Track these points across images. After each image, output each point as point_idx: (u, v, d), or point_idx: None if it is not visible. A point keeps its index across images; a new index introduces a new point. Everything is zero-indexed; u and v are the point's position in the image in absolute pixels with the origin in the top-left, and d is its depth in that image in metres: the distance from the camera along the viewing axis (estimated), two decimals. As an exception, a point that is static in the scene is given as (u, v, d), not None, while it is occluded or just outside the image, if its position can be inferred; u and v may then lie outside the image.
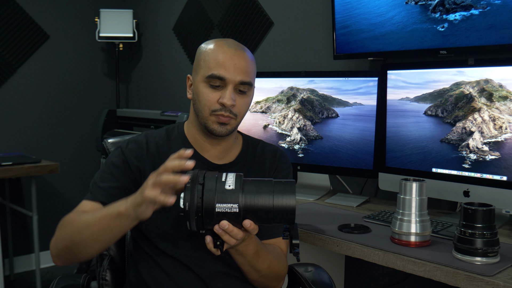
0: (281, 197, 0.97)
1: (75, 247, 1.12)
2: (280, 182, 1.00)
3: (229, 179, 0.98)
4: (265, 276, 1.22)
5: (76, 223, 1.13)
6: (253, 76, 1.27)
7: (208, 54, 1.22)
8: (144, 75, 3.62)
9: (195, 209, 0.96)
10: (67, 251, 1.14)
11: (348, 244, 1.40)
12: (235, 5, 2.78)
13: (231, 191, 0.97)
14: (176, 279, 1.22)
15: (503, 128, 1.48)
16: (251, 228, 0.99)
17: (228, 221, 0.97)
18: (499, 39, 1.59)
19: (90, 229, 1.09)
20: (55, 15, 3.39)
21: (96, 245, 1.12)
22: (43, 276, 3.11)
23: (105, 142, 1.47)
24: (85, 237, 1.10)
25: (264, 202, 0.97)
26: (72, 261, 1.17)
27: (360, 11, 1.93)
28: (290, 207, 0.97)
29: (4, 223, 3.21)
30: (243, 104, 1.24)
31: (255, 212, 0.98)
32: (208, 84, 1.21)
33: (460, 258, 1.21)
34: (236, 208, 0.96)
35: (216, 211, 0.96)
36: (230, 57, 1.20)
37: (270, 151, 1.35)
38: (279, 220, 0.99)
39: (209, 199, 0.96)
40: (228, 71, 1.19)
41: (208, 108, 1.21)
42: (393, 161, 1.75)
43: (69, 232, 1.13)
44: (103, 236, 1.09)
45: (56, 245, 1.15)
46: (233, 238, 1.00)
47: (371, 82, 1.84)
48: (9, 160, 2.73)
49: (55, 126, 3.46)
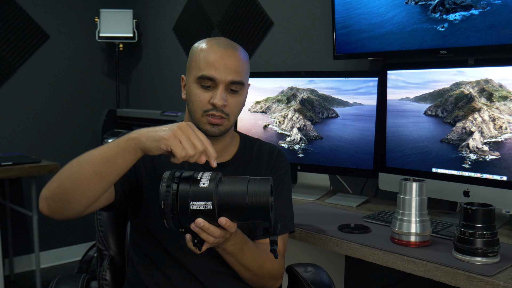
0: (255, 194, 0.98)
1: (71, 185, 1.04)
2: (255, 179, 1.00)
3: (204, 178, 0.99)
4: (258, 275, 1.22)
5: (77, 160, 1.06)
6: (245, 75, 1.25)
7: (198, 54, 1.22)
8: (144, 75, 3.62)
9: (170, 207, 0.97)
10: (60, 193, 1.06)
11: (348, 244, 1.40)
12: (235, 5, 2.78)
13: (205, 189, 0.98)
14: (173, 279, 1.23)
15: (503, 128, 1.48)
16: (227, 225, 0.99)
17: (204, 219, 0.98)
18: (499, 39, 1.59)
19: (93, 161, 1.03)
20: (55, 15, 3.39)
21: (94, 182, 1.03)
22: (43, 276, 3.11)
23: (105, 142, 1.47)
24: (86, 171, 1.03)
25: (237, 200, 0.98)
26: (60, 207, 1.07)
27: (360, 11, 1.93)
28: (264, 204, 0.97)
29: (4, 223, 3.21)
30: (235, 104, 1.23)
31: (230, 210, 0.98)
32: (200, 84, 1.21)
33: (460, 258, 1.21)
34: (210, 205, 0.97)
35: (190, 209, 0.97)
36: (220, 57, 1.20)
37: (267, 150, 1.35)
38: (253, 217, 0.99)
39: (183, 197, 0.97)
40: (218, 71, 1.19)
41: (200, 109, 1.21)
42: (393, 161, 1.75)
43: (65, 172, 1.06)
44: (105, 168, 1.02)
45: (50, 186, 1.07)
46: (211, 235, 1.00)
47: (371, 82, 1.84)
48: (9, 160, 2.73)
49: (55, 126, 3.46)
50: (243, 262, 1.17)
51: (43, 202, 1.08)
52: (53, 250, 3.46)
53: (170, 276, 1.23)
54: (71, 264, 3.47)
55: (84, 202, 1.06)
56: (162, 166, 1.24)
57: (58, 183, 1.06)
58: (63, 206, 1.07)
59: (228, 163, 1.30)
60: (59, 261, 3.47)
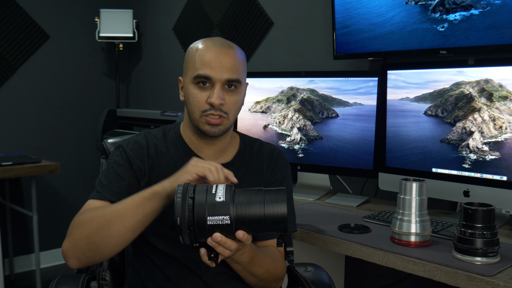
0: (272, 205, 0.97)
1: (102, 241, 1.09)
2: (271, 190, 1.00)
3: (219, 191, 0.98)
4: (264, 280, 1.23)
5: (101, 217, 1.10)
6: (242, 73, 1.24)
7: (194, 54, 1.22)
8: (144, 75, 3.62)
9: (186, 223, 0.96)
10: (90, 249, 1.11)
11: (348, 244, 1.40)
12: (235, 5, 2.78)
13: (222, 203, 0.96)
14: (175, 280, 1.22)
15: (503, 128, 1.48)
16: (244, 238, 0.99)
17: (220, 233, 0.97)
18: (499, 39, 1.59)
19: (122, 218, 1.08)
20: (55, 15, 3.39)
21: (126, 235, 1.09)
22: (43, 276, 3.11)
23: (105, 142, 1.47)
24: (116, 227, 1.08)
25: (255, 212, 0.97)
26: (94, 260, 1.14)
27: (360, 11, 1.93)
28: (282, 215, 0.97)
29: (4, 223, 3.21)
30: (233, 102, 1.22)
31: (247, 222, 0.97)
32: (196, 84, 1.21)
33: (460, 258, 1.21)
34: (228, 219, 0.96)
35: (207, 224, 0.96)
36: (215, 56, 1.19)
37: (268, 151, 1.35)
38: (271, 228, 0.99)
39: (200, 213, 0.96)
40: (214, 70, 1.19)
41: (198, 109, 1.21)
42: (393, 161, 1.75)
43: (92, 228, 1.09)
44: (136, 222, 1.08)
45: (76, 245, 1.11)
46: (227, 249, 1.00)
47: (371, 82, 1.84)
48: (9, 160, 2.73)
49: (55, 126, 3.46)
50: (251, 269, 1.17)
51: (73, 260, 1.12)
52: (53, 250, 3.46)
53: (170, 276, 1.23)
54: (71, 264, 3.47)
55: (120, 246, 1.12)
56: (158, 167, 1.25)
57: (84, 242, 1.10)
58: (96, 257, 1.14)
59: (228, 164, 1.29)
60: (59, 261, 3.47)
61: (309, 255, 1.84)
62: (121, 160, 1.24)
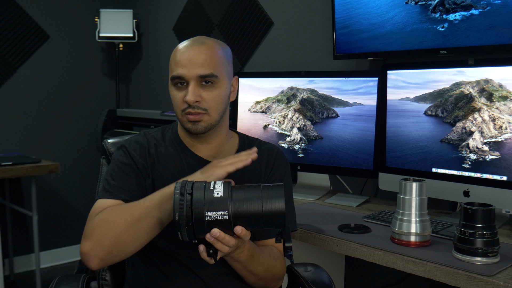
0: (270, 201, 0.98)
1: (131, 238, 1.10)
2: (269, 186, 1.00)
3: (217, 187, 0.99)
4: (263, 278, 1.23)
5: (128, 215, 1.10)
6: (220, 66, 1.22)
7: (171, 57, 1.24)
8: (144, 75, 3.62)
9: (185, 219, 0.96)
10: (118, 247, 1.10)
11: (348, 244, 1.40)
12: (235, 5, 2.78)
13: (220, 199, 0.97)
14: (174, 280, 1.23)
15: (503, 128, 1.48)
16: (243, 234, 0.99)
17: (219, 228, 0.98)
18: (499, 39, 1.59)
19: (150, 214, 1.09)
20: (55, 15, 3.39)
21: (154, 231, 1.11)
22: (43, 276, 3.11)
23: (105, 142, 1.47)
24: (145, 224, 1.09)
25: (254, 208, 0.97)
26: (118, 258, 1.13)
27: (360, 11, 1.93)
28: (280, 210, 0.98)
29: (4, 223, 3.21)
30: (212, 98, 1.21)
31: (246, 218, 0.98)
32: (175, 86, 1.22)
33: (460, 258, 1.21)
34: (226, 215, 0.97)
35: (206, 219, 0.96)
36: (186, 55, 1.20)
37: (267, 150, 1.35)
38: (269, 224, 0.99)
39: (198, 208, 0.96)
40: (185, 68, 1.19)
41: (179, 109, 1.22)
42: (393, 161, 1.75)
43: (121, 226, 1.09)
44: (163, 218, 1.10)
45: (101, 244, 1.09)
46: (226, 245, 1.00)
47: (371, 82, 1.84)
48: (9, 160, 2.73)
49: (55, 126, 3.46)
50: (250, 268, 1.17)
51: (95, 260, 1.10)
52: (53, 250, 3.46)
53: (170, 276, 1.23)
54: (71, 264, 3.47)
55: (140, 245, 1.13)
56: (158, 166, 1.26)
57: (110, 241, 1.09)
58: (119, 255, 1.12)
59: (227, 164, 1.29)
60: (59, 261, 3.47)
61: (309, 255, 1.84)
62: (126, 159, 1.25)
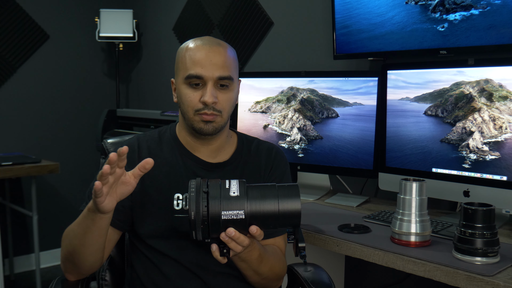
0: (286, 201, 0.97)
1: (73, 257, 1.15)
2: (284, 186, 1.00)
3: (233, 186, 0.98)
4: (267, 278, 1.23)
5: (69, 232, 1.16)
6: (233, 70, 1.24)
7: (184, 55, 1.22)
8: (144, 75, 3.62)
9: (201, 218, 0.95)
10: (69, 263, 1.18)
11: (348, 244, 1.40)
12: (235, 5, 2.78)
13: (236, 198, 0.96)
14: (174, 280, 1.22)
15: (503, 128, 1.48)
16: (258, 234, 0.99)
17: (234, 228, 0.97)
18: (499, 39, 1.58)
19: (76, 235, 1.12)
20: (55, 15, 3.39)
21: (87, 251, 1.13)
22: (43, 276, 3.11)
23: (104, 142, 1.47)
24: (75, 244, 1.12)
25: (270, 207, 0.97)
26: (77, 273, 1.20)
27: (360, 11, 1.93)
28: (296, 210, 0.97)
29: (4, 223, 3.21)
30: (226, 100, 1.22)
31: (261, 218, 0.97)
32: (188, 84, 1.21)
33: (460, 258, 1.21)
34: (242, 214, 0.96)
35: (222, 218, 0.95)
36: (205, 55, 1.20)
37: (266, 149, 1.34)
38: (285, 224, 0.99)
39: (215, 207, 0.95)
40: (205, 69, 1.19)
41: (192, 108, 1.21)
42: (393, 161, 1.75)
43: (67, 243, 1.16)
44: (86, 238, 1.10)
45: (62, 258, 1.21)
46: (240, 245, 1.00)
47: (371, 82, 1.84)
48: (9, 160, 2.73)
49: (55, 126, 3.46)
50: (257, 268, 1.17)
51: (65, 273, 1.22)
52: (53, 250, 3.46)
53: (170, 276, 1.23)
54: (71, 264, 3.47)
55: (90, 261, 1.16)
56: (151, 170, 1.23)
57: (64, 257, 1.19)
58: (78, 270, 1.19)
59: (226, 163, 1.29)
60: (59, 261, 3.47)
61: (309, 255, 1.83)
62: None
